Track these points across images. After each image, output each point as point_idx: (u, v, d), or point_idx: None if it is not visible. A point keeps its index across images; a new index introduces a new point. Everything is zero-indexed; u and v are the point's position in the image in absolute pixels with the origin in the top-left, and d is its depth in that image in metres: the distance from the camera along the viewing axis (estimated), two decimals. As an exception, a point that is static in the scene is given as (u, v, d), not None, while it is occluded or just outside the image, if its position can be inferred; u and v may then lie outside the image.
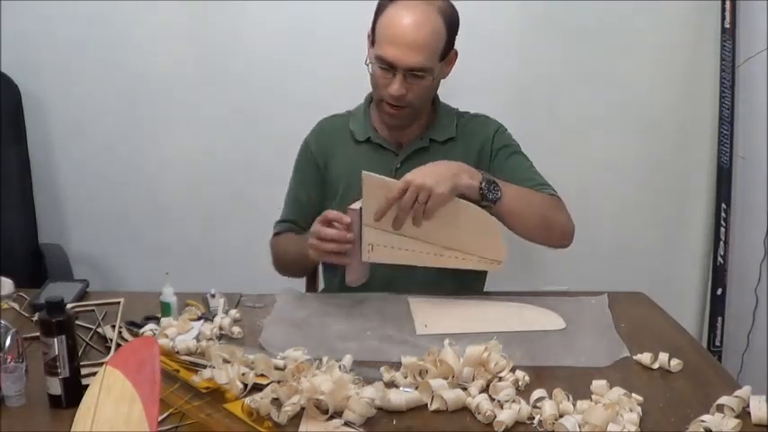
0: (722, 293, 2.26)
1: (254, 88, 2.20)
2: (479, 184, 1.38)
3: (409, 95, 1.48)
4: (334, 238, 1.33)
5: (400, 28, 1.43)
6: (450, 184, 1.33)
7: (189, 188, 2.29)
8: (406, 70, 1.44)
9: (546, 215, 1.48)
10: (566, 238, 1.52)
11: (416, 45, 1.43)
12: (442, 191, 1.32)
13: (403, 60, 1.43)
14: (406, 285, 1.53)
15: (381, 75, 1.47)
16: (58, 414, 1.06)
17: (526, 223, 1.47)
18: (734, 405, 1.03)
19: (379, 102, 1.53)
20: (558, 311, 1.40)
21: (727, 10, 2.11)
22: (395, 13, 1.44)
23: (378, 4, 1.49)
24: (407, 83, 1.46)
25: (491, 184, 1.39)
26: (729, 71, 2.14)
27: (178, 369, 1.15)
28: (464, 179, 1.36)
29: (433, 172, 1.34)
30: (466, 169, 1.38)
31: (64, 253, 2.13)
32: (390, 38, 1.44)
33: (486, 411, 1.03)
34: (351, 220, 1.34)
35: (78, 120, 2.23)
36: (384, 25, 1.45)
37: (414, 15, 1.43)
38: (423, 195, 1.31)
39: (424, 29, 1.43)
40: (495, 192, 1.39)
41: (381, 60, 1.45)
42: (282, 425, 1.02)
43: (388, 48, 1.44)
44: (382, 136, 1.60)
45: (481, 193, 1.38)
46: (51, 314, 1.06)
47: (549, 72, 2.19)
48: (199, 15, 2.15)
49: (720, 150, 2.20)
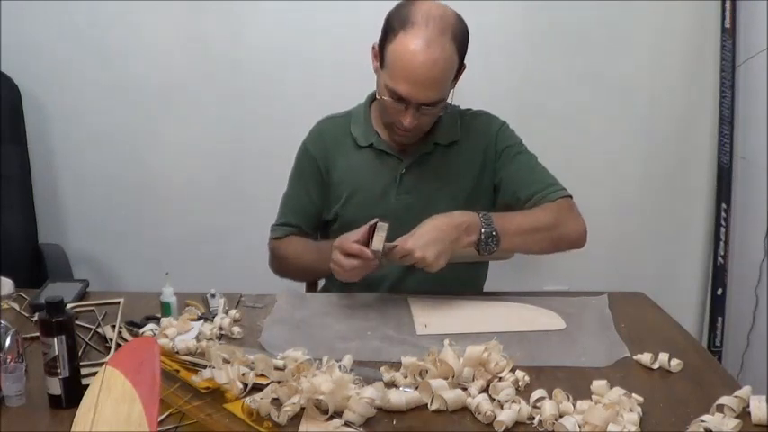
0: (722, 293, 2.26)
1: (254, 91, 2.20)
2: (478, 239, 1.38)
3: (421, 124, 1.46)
4: (355, 267, 1.35)
5: (415, 64, 1.36)
6: (448, 256, 1.35)
7: (189, 188, 2.29)
8: (419, 104, 1.41)
9: (552, 235, 1.47)
10: (578, 244, 1.52)
11: (432, 84, 1.38)
12: (440, 263, 1.33)
13: (417, 98, 1.39)
14: (410, 285, 1.53)
15: (393, 106, 1.44)
16: (58, 414, 1.05)
17: (532, 250, 1.49)
18: (734, 405, 1.03)
19: (389, 125, 1.52)
20: (558, 311, 1.40)
21: (727, 10, 2.12)
22: (408, 44, 1.36)
23: (387, 23, 1.42)
24: (420, 113, 1.43)
25: (489, 238, 1.38)
26: (729, 71, 2.15)
27: (178, 369, 1.15)
28: (463, 240, 1.37)
29: (434, 239, 1.33)
30: (465, 228, 1.37)
31: (64, 253, 2.12)
32: (404, 74, 1.38)
33: (486, 411, 1.03)
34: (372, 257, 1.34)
35: (78, 120, 2.23)
36: (397, 56, 1.38)
37: (429, 50, 1.35)
38: (420, 265, 1.33)
39: (439, 65, 1.37)
40: (492, 245, 1.39)
41: (394, 93, 1.41)
42: (282, 425, 1.02)
43: (401, 84, 1.39)
44: (385, 141, 1.58)
45: (478, 249, 1.39)
46: (51, 314, 1.05)
47: (549, 72, 2.20)
48: (199, 15, 2.15)
49: (720, 150, 2.20)
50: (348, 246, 1.35)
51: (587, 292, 1.51)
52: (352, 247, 1.34)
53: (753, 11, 2.09)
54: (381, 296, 1.49)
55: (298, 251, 1.60)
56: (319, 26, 2.14)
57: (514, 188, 1.54)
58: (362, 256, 1.33)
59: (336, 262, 1.37)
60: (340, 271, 1.37)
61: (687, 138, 2.26)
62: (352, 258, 1.34)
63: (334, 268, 1.38)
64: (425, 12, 1.38)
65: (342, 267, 1.36)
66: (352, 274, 1.36)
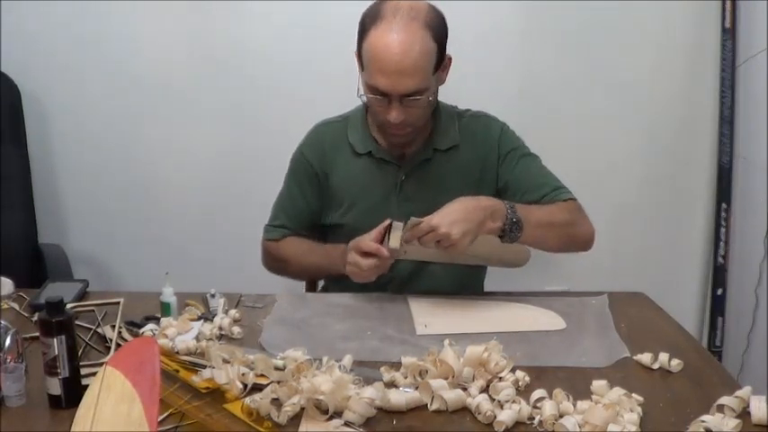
0: (722, 293, 2.26)
1: (255, 91, 2.20)
2: (503, 226, 1.37)
3: (409, 118, 1.44)
4: (373, 266, 1.36)
5: (387, 55, 1.36)
6: (473, 235, 1.33)
7: (189, 188, 2.29)
8: (401, 96, 1.40)
9: (568, 232, 1.48)
10: (587, 246, 1.53)
11: (407, 71, 1.37)
12: (464, 243, 1.32)
13: (396, 88, 1.38)
14: (414, 290, 1.53)
15: (377, 103, 1.43)
16: (58, 414, 1.05)
17: (547, 245, 1.50)
18: (734, 405, 1.03)
19: (380, 126, 1.51)
20: (558, 311, 1.40)
21: (728, 10, 2.11)
22: (379, 37, 1.37)
23: (359, 25, 1.43)
24: (405, 107, 1.41)
25: (513, 226, 1.38)
26: (730, 71, 2.15)
27: (178, 369, 1.15)
28: (488, 225, 1.36)
29: (460, 219, 1.32)
30: (491, 212, 1.36)
31: (64, 253, 2.13)
32: (379, 66, 1.37)
33: (486, 411, 1.03)
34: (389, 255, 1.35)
35: (78, 120, 2.23)
36: (370, 52, 1.39)
37: (399, 39, 1.35)
38: (445, 242, 1.31)
39: (413, 52, 1.36)
40: (516, 232, 1.39)
41: (373, 90, 1.41)
42: (282, 425, 1.02)
43: (378, 77, 1.38)
44: (384, 148, 1.56)
45: (502, 236, 1.39)
46: (51, 314, 1.05)
47: (548, 72, 2.19)
48: (199, 16, 2.15)
49: (720, 150, 2.20)
50: (366, 244, 1.36)
51: (587, 292, 1.51)
52: (370, 245, 1.35)
53: (753, 11, 2.08)
54: (381, 296, 1.49)
55: (301, 252, 1.59)
56: (320, 27, 2.14)
57: (522, 191, 1.53)
58: (380, 255, 1.34)
59: (354, 263, 1.38)
60: (357, 271, 1.38)
61: (687, 138, 2.25)
62: (369, 258, 1.35)
63: (351, 270, 1.39)
64: (393, 6, 1.39)
65: (359, 267, 1.37)
66: (370, 273, 1.37)
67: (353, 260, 1.38)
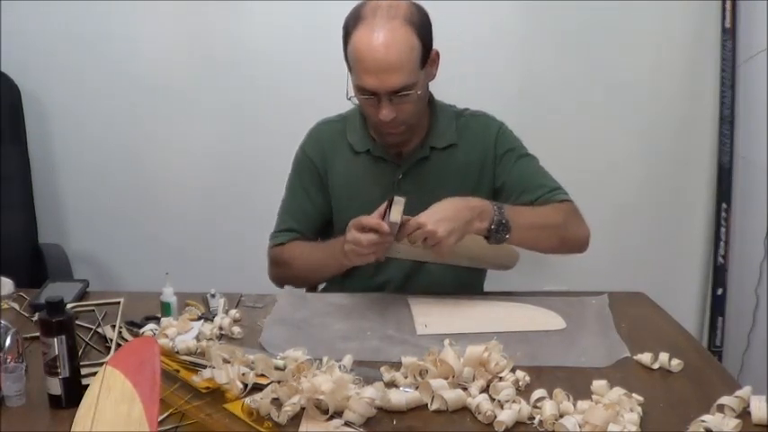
0: (722, 293, 2.26)
1: (255, 92, 2.20)
2: (489, 226, 1.37)
3: (401, 115, 1.44)
4: (374, 242, 1.33)
5: (370, 53, 1.37)
6: (460, 234, 1.33)
7: (189, 188, 2.29)
8: (389, 93, 1.40)
9: (560, 234, 1.48)
10: (582, 248, 1.53)
11: (392, 67, 1.37)
12: (450, 241, 1.31)
13: (383, 86, 1.38)
14: (412, 290, 1.52)
15: (366, 103, 1.44)
16: (58, 414, 1.06)
17: (538, 246, 1.50)
18: (734, 405, 1.03)
19: (375, 126, 1.52)
20: (558, 311, 1.40)
21: (728, 10, 2.11)
22: (361, 36, 1.38)
23: (343, 29, 1.44)
24: (395, 104, 1.41)
25: (500, 227, 1.38)
26: (730, 71, 2.15)
27: (178, 369, 1.16)
28: (475, 225, 1.36)
29: (447, 217, 1.32)
30: (479, 212, 1.37)
31: (64, 253, 2.13)
32: (364, 66, 1.38)
33: (486, 411, 1.03)
34: (389, 230, 1.33)
35: (78, 120, 2.23)
36: (354, 52, 1.40)
37: (381, 36, 1.36)
38: (431, 240, 1.31)
39: (395, 47, 1.37)
40: (503, 233, 1.39)
41: (362, 90, 1.42)
42: (282, 425, 1.02)
43: (364, 77, 1.39)
44: (381, 147, 1.56)
45: (488, 237, 1.39)
46: (51, 314, 1.06)
47: (548, 72, 2.19)
48: (199, 16, 2.15)
49: (720, 150, 2.20)
50: (366, 219, 1.34)
51: (587, 292, 1.50)
52: (370, 219, 1.33)
53: (753, 11, 2.08)
54: (381, 296, 1.49)
55: (304, 252, 1.58)
56: (320, 28, 2.13)
57: (518, 192, 1.53)
58: (380, 230, 1.32)
59: (353, 240, 1.34)
60: (357, 249, 1.34)
61: (687, 138, 2.25)
62: (369, 233, 1.33)
63: (351, 248, 1.35)
64: (373, 6, 1.40)
65: (359, 244, 1.33)
66: (370, 250, 1.34)
67: (352, 237, 1.34)
